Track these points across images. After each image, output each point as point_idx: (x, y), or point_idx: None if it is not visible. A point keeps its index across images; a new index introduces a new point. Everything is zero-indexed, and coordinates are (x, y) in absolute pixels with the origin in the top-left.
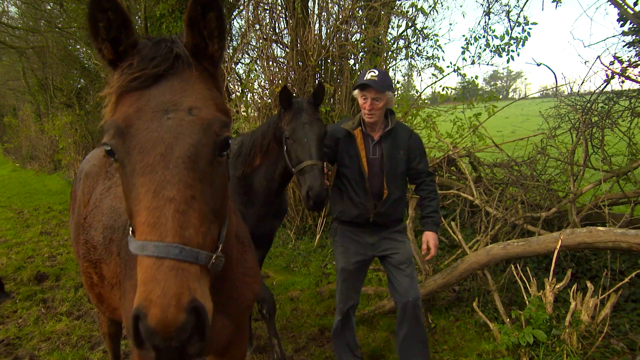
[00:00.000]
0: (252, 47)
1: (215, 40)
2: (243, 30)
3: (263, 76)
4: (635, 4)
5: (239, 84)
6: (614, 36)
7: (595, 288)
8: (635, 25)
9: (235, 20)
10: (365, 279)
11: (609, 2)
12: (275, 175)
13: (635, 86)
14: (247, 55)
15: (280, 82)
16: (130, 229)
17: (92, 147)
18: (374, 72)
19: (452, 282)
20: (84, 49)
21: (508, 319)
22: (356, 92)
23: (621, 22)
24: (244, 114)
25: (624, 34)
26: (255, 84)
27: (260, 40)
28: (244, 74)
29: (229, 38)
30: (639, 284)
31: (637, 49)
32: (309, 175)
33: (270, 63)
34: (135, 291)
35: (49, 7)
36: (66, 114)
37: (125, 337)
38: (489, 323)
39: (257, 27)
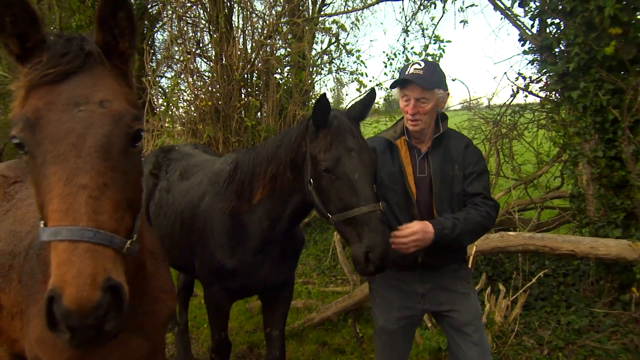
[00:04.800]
0: (176, 60)
1: (126, 38)
2: (166, 43)
3: (188, 90)
4: (532, 25)
5: (164, 97)
6: (517, 55)
7: (508, 289)
8: (533, 45)
9: (158, 33)
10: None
11: (511, 24)
12: (283, 215)
13: (538, 100)
14: (171, 69)
15: (205, 96)
16: (42, 222)
17: None
18: (419, 64)
19: None
20: None
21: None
22: (395, 90)
23: (522, 42)
24: (168, 128)
25: (525, 52)
26: (180, 98)
27: (184, 54)
28: (167, 88)
29: (152, 51)
30: (547, 283)
31: (537, 66)
32: (366, 229)
33: (195, 77)
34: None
35: None
36: None
37: None
38: None
39: (181, 40)
